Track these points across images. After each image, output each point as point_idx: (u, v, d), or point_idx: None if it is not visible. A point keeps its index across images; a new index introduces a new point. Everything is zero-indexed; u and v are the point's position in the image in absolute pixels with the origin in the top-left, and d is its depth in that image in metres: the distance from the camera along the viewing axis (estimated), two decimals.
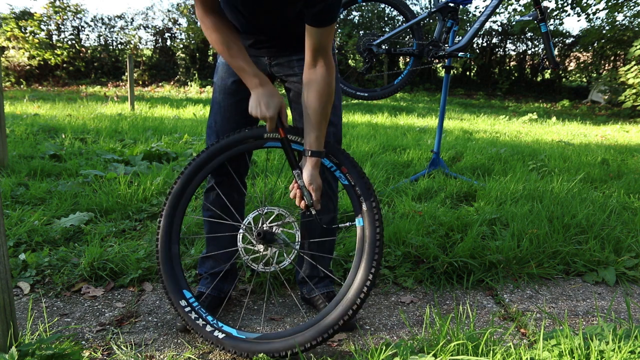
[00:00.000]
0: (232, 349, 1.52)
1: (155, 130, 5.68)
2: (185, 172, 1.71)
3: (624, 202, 3.15)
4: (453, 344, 1.44)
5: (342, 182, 1.64)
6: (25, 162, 3.73)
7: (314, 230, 1.82)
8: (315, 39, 1.46)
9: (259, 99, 1.53)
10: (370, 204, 1.58)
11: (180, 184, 1.71)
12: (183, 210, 1.72)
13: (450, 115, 9.47)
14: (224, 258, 1.87)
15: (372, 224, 1.57)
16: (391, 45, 10.53)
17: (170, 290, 1.64)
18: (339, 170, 1.63)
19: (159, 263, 1.67)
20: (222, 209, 1.82)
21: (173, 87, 14.06)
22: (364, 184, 1.61)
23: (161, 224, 1.70)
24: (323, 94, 1.51)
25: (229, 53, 1.53)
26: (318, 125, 1.53)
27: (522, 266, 2.25)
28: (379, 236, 1.56)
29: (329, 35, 1.47)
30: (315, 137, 1.54)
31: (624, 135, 7.56)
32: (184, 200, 1.71)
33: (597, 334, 1.47)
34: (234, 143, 1.70)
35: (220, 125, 1.76)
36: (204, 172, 1.72)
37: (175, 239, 1.70)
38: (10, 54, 13.70)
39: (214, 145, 1.71)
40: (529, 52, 15.95)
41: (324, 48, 1.48)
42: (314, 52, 1.49)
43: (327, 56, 1.51)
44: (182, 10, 15.06)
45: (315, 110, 1.52)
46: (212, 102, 1.80)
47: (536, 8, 3.36)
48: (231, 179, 1.80)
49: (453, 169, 4.06)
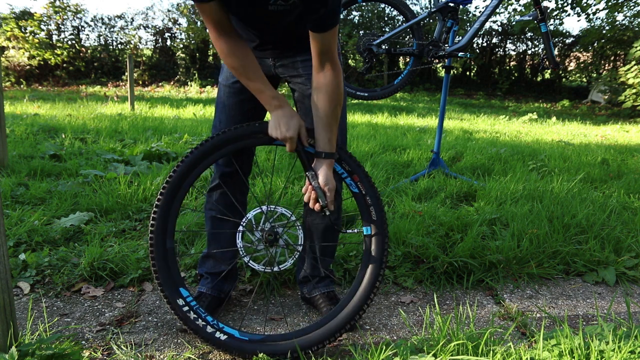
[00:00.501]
0: (235, 351, 1.50)
1: (155, 130, 5.68)
2: (185, 161, 1.57)
3: (624, 202, 3.15)
4: (453, 344, 1.44)
5: (352, 189, 1.65)
6: (25, 162, 3.73)
7: (317, 231, 1.83)
8: (320, 43, 1.48)
9: (279, 120, 1.55)
10: (380, 215, 1.61)
11: (180, 174, 1.56)
12: (180, 202, 1.58)
13: (450, 115, 9.47)
14: (225, 257, 1.87)
15: (381, 233, 1.61)
16: (391, 45, 10.53)
17: (167, 288, 1.53)
18: (350, 177, 1.64)
19: (153, 258, 1.53)
20: (226, 208, 1.82)
21: (173, 87, 14.06)
22: (374, 193, 1.62)
23: (156, 214, 1.54)
24: (333, 97, 1.54)
25: (246, 76, 1.53)
26: (329, 127, 1.56)
27: (522, 266, 2.25)
28: (386, 245, 1.61)
29: (333, 38, 1.49)
30: (328, 139, 1.56)
31: (624, 135, 7.56)
32: (182, 190, 1.58)
33: (597, 334, 1.47)
34: (240, 136, 1.61)
35: (225, 124, 1.77)
36: (205, 163, 1.60)
37: (170, 233, 1.56)
38: (10, 54, 13.70)
39: (219, 136, 1.60)
40: (529, 52, 15.95)
41: (330, 51, 1.50)
42: (320, 56, 1.50)
43: (334, 59, 1.52)
44: (182, 10, 15.06)
45: (325, 113, 1.55)
46: (217, 102, 1.81)
47: (536, 8, 3.36)
48: (235, 178, 1.80)
49: (453, 169, 4.06)
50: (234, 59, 1.51)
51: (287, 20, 1.52)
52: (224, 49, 1.50)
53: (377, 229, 1.61)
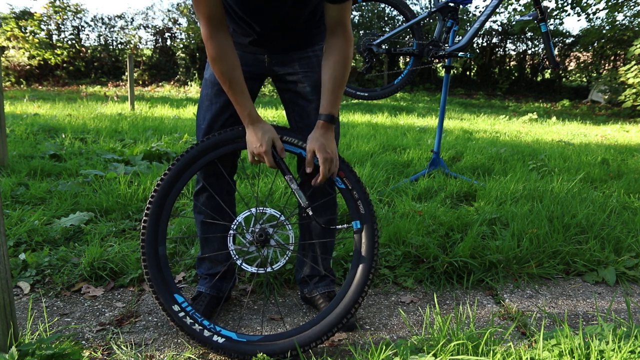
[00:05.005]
0: (234, 354, 1.50)
1: (155, 130, 5.68)
2: (173, 168, 1.62)
3: (624, 202, 3.15)
4: (453, 344, 1.44)
5: (339, 186, 1.66)
6: (25, 161, 3.73)
7: (314, 230, 1.83)
8: (334, 14, 1.52)
9: (255, 134, 1.58)
10: (367, 207, 1.62)
11: (168, 180, 1.60)
12: (170, 209, 1.61)
13: (450, 115, 9.47)
14: (220, 259, 1.87)
15: (370, 226, 1.62)
16: (391, 45, 10.53)
17: (161, 295, 1.54)
18: (336, 174, 1.65)
19: (146, 267, 1.55)
20: (214, 210, 1.80)
21: (173, 86, 14.06)
22: (360, 187, 1.64)
23: (147, 223, 1.57)
24: (340, 60, 1.57)
25: (230, 86, 1.54)
26: (333, 90, 1.58)
27: (522, 266, 2.25)
28: (376, 238, 1.61)
29: (347, 11, 1.53)
30: (329, 101, 1.58)
31: (624, 135, 7.56)
32: (171, 196, 1.60)
33: (597, 334, 1.47)
34: (224, 141, 1.64)
35: (209, 123, 1.72)
36: (193, 169, 1.64)
37: (161, 240, 1.58)
38: (10, 53, 13.70)
39: (204, 142, 1.64)
40: (529, 52, 15.94)
41: (343, 22, 1.55)
42: (333, 26, 1.55)
43: (346, 29, 1.56)
44: (182, 10, 15.06)
45: (331, 76, 1.57)
46: (201, 99, 1.75)
47: (536, 8, 3.36)
48: (220, 179, 1.78)
49: (453, 168, 4.06)
50: (223, 65, 1.52)
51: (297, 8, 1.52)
52: (215, 53, 1.50)
53: (366, 222, 1.62)
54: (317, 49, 1.70)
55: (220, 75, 1.54)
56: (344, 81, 1.60)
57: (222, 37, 1.50)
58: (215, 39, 1.48)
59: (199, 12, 1.46)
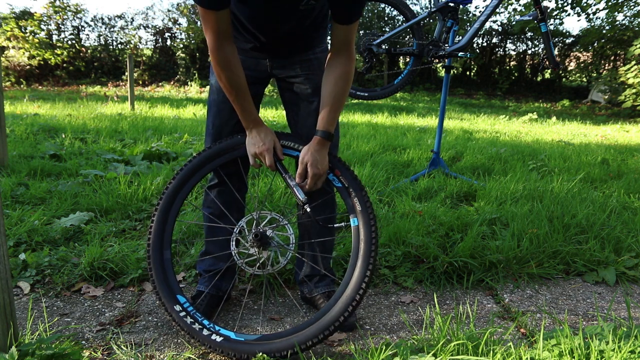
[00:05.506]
0: (232, 352, 1.50)
1: (155, 130, 5.68)
2: (178, 175, 1.71)
3: (624, 202, 3.15)
4: (453, 344, 1.44)
5: (335, 184, 1.68)
6: (25, 161, 3.73)
7: (313, 229, 1.83)
8: (342, 33, 1.55)
9: (255, 138, 1.64)
10: (364, 204, 1.63)
11: (174, 187, 1.70)
12: (175, 215, 1.70)
13: (450, 115, 9.47)
14: (224, 255, 1.88)
15: (367, 223, 1.61)
16: (391, 45, 10.52)
17: (164, 296, 1.61)
18: (332, 173, 1.67)
19: (151, 269, 1.64)
20: (224, 205, 1.84)
21: (173, 87, 14.06)
22: (357, 185, 1.65)
23: (153, 228, 1.66)
24: (341, 76, 1.59)
25: (236, 94, 1.58)
26: (331, 107, 1.60)
27: (522, 266, 2.25)
28: (374, 234, 1.60)
29: (354, 30, 1.57)
30: (327, 119, 1.61)
31: (624, 135, 7.56)
32: (176, 204, 1.70)
33: (597, 334, 1.47)
34: (228, 148, 1.72)
35: (218, 127, 1.77)
36: (198, 176, 1.73)
37: (167, 244, 1.67)
38: (10, 53, 13.70)
39: (210, 149, 1.73)
40: (529, 52, 15.94)
41: (349, 42, 1.58)
42: (339, 44, 1.58)
43: (350, 48, 1.59)
44: (182, 10, 15.05)
45: (331, 92, 1.59)
46: (210, 104, 1.80)
47: (536, 8, 3.36)
48: (233, 179, 1.81)
49: (453, 168, 4.06)
50: (229, 74, 1.55)
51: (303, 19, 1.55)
52: (221, 63, 1.53)
53: (363, 219, 1.62)
54: (317, 51, 1.72)
55: (225, 84, 1.57)
56: (344, 98, 1.62)
57: (228, 49, 1.52)
58: (222, 51, 1.51)
59: (207, 25, 1.47)
